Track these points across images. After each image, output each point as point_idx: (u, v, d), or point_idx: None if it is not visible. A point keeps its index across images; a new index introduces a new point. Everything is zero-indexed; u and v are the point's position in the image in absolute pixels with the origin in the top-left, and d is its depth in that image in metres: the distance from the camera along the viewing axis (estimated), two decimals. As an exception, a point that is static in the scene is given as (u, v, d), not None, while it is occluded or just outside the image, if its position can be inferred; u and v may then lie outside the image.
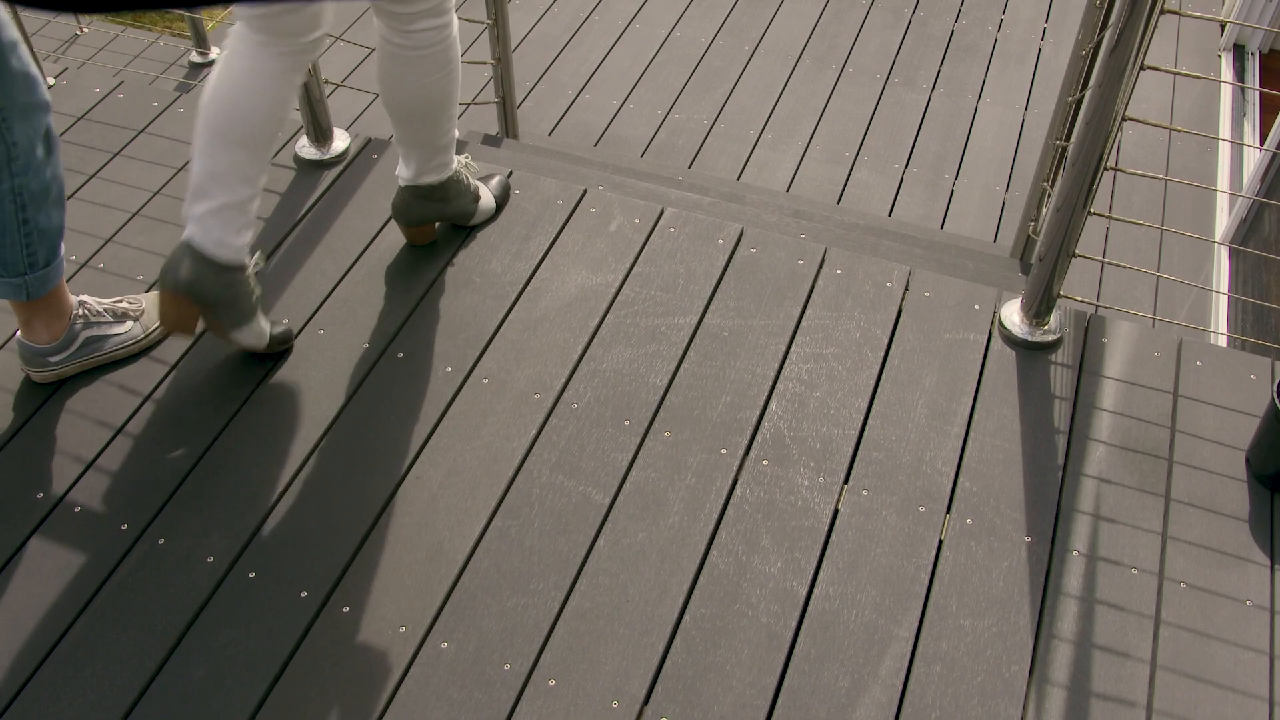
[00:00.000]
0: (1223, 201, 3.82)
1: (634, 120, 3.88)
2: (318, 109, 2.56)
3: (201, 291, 1.93)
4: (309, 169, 2.58)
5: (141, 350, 2.19)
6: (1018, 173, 3.78)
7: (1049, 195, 2.84)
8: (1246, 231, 3.49)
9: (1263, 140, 3.88)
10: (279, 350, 2.17)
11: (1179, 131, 1.91)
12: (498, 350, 2.17)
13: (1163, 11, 1.86)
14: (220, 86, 1.89)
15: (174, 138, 2.70)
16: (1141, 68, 1.92)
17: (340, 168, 2.58)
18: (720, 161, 3.70)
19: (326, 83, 2.61)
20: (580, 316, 2.23)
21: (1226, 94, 4.30)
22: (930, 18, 4.44)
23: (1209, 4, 4.67)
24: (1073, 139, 2.06)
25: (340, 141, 2.62)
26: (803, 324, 2.22)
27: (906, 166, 3.76)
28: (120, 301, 2.18)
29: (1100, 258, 2.47)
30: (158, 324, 2.19)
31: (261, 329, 2.11)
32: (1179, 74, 1.93)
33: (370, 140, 2.64)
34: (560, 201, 2.48)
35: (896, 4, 4.51)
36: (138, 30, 5.28)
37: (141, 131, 2.73)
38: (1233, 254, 3.54)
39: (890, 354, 2.17)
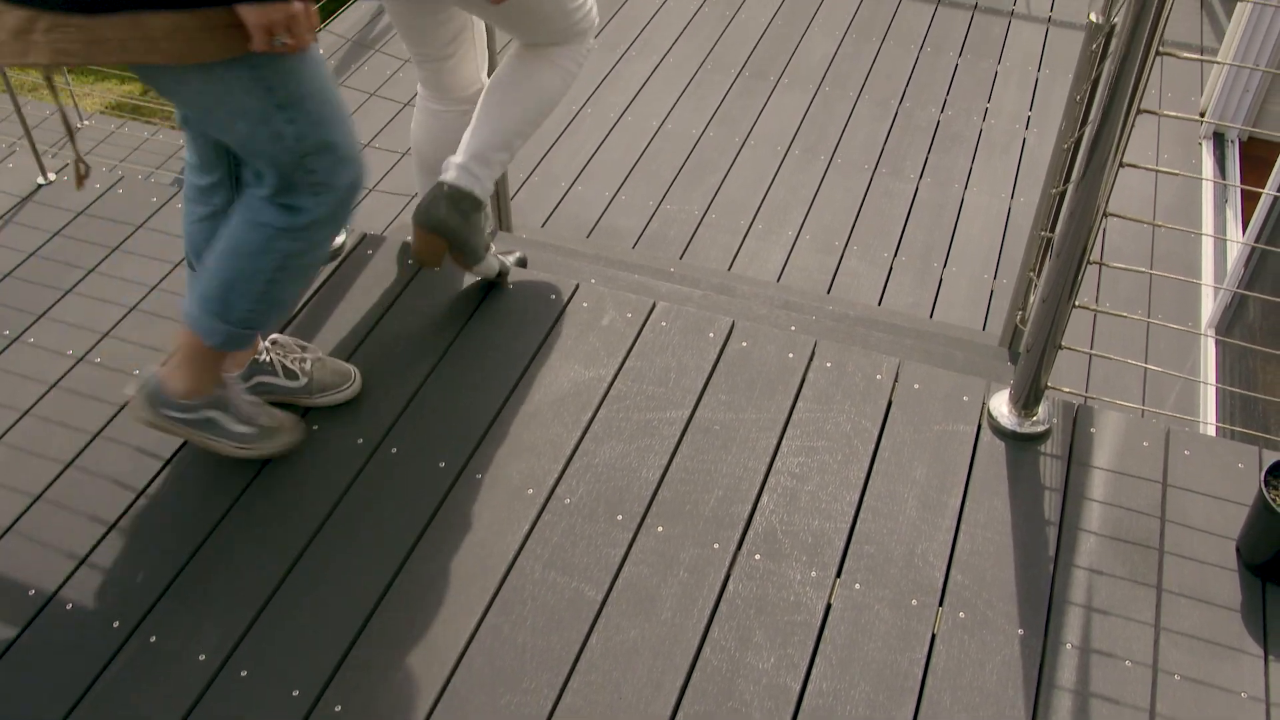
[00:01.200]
0: (1208, 288, 3.87)
1: (626, 211, 3.94)
2: (314, 205, 2.60)
3: (453, 229, 2.21)
4: (305, 264, 2.61)
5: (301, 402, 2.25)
6: (1005, 260, 3.83)
7: (1035, 285, 2.88)
8: (1232, 317, 3.53)
9: (1244, 227, 3.94)
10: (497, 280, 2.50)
11: (1163, 226, 1.95)
12: (491, 445, 2.19)
13: (1139, 111, 1.91)
14: (415, 133, 2.54)
15: (172, 233, 2.74)
16: (1120, 165, 1.96)
17: (336, 263, 2.61)
18: (712, 252, 3.75)
19: (323, 179, 2.65)
20: (573, 411, 2.25)
21: (1208, 182, 4.37)
22: (916, 108, 4.53)
23: (1189, 89, 4.76)
24: (1057, 232, 2.10)
25: (338, 236, 2.65)
26: (794, 417, 2.24)
27: (895, 255, 3.81)
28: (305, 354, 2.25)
29: (1087, 350, 2.50)
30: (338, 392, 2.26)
31: (492, 263, 2.43)
32: (1159, 171, 1.97)
33: (366, 236, 2.68)
34: (553, 297, 2.51)
35: (883, 95, 4.60)
36: (137, 123, 5.36)
37: (140, 227, 2.77)
38: (1219, 340, 3.58)
39: (881, 446, 2.19)
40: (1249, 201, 4.24)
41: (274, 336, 2.21)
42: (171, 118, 7.23)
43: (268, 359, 2.18)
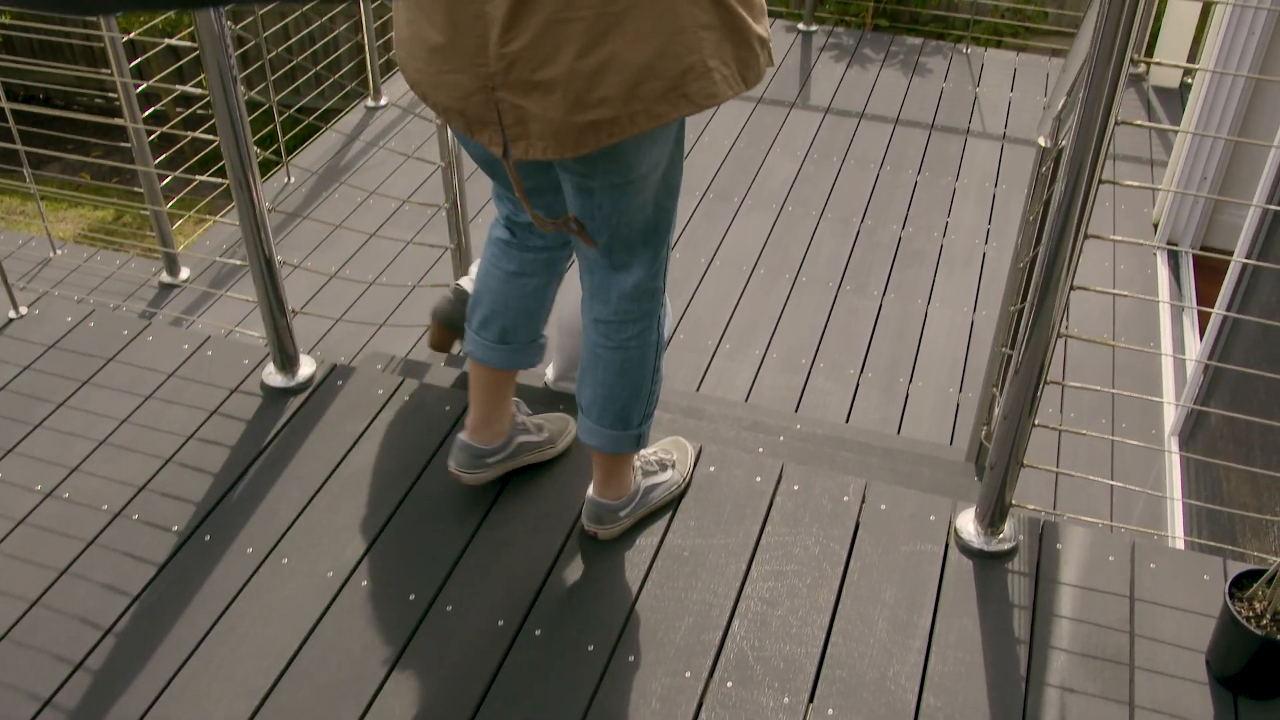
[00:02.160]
0: (1171, 395, 3.93)
1: (595, 332, 3.99)
2: (283, 337, 2.63)
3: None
4: (275, 397, 2.63)
5: (551, 457, 2.43)
6: (970, 374, 3.88)
7: (998, 401, 2.92)
8: (1194, 424, 3.59)
9: (1201, 333, 4.02)
10: None
11: (1118, 346, 2.00)
12: (461, 576, 2.19)
13: (1087, 236, 1.97)
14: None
15: (143, 365, 2.75)
16: (1072, 287, 2.02)
17: (306, 394, 2.63)
18: (680, 372, 3.79)
19: (292, 312, 2.68)
20: (543, 541, 2.26)
21: (1165, 290, 4.47)
22: (878, 226, 4.63)
23: (1142, 199, 4.89)
24: (1015, 351, 2.15)
25: (306, 368, 2.68)
26: (762, 541, 2.25)
27: (862, 371, 3.86)
28: (532, 417, 2.40)
29: (1050, 468, 2.53)
30: (568, 436, 2.47)
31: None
32: (1109, 293, 2.03)
33: (336, 366, 2.70)
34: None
35: (845, 214, 4.70)
36: (110, 251, 5.40)
37: (110, 360, 2.78)
38: (1184, 447, 3.62)
39: (850, 569, 2.20)
40: (1205, 306, 4.33)
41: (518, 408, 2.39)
42: (143, 244, 7.29)
43: (521, 421, 2.36)
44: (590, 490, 2.23)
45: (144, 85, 3.87)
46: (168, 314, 4.20)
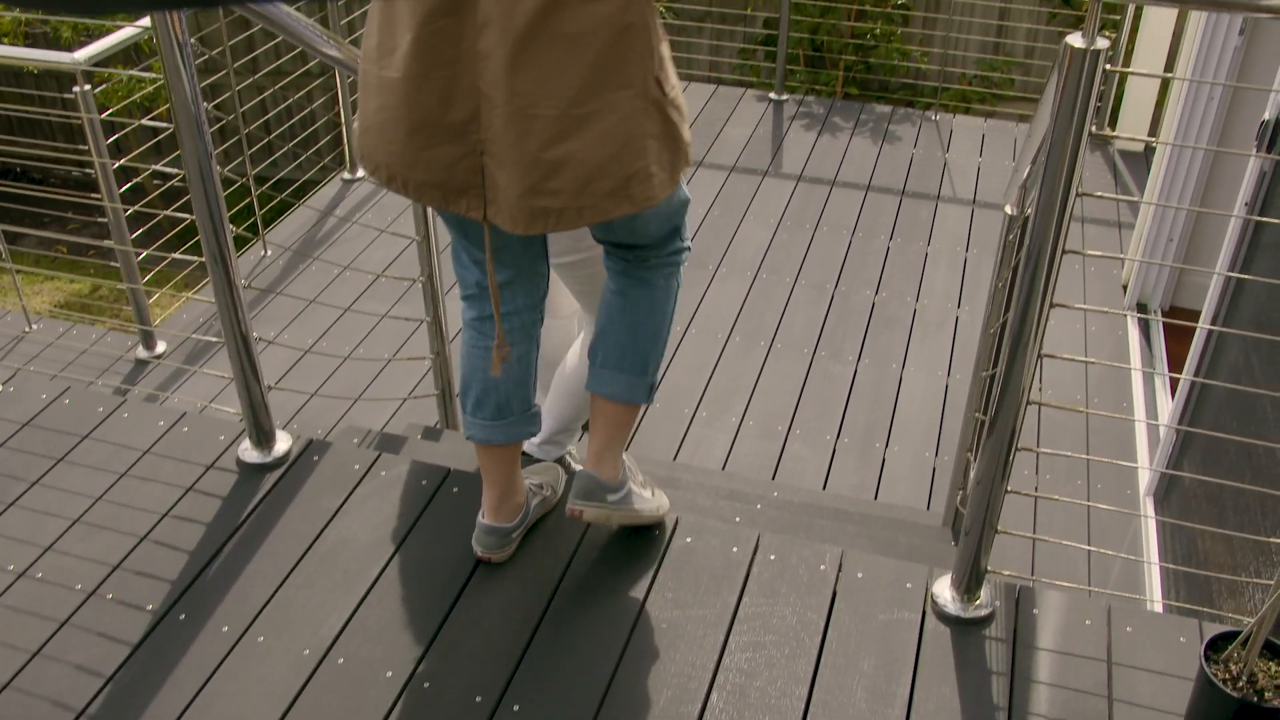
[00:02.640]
0: (1144, 456, 3.96)
1: (572, 401, 4.00)
2: (259, 412, 2.64)
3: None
4: (251, 473, 2.62)
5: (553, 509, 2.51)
6: (945, 438, 3.91)
7: (973, 466, 2.94)
8: (1169, 483, 3.61)
9: (1173, 391, 4.06)
10: None
11: (1089, 412, 2.03)
12: (438, 652, 2.18)
13: (1053, 305, 2.00)
14: None
15: (119, 442, 2.74)
16: (1040, 355, 2.05)
17: (282, 470, 2.63)
18: (657, 441, 3.80)
19: (268, 388, 2.69)
20: (520, 614, 2.25)
21: (1135, 351, 4.52)
22: (851, 292, 4.68)
23: (1111, 262, 4.96)
24: (986, 417, 2.17)
25: (282, 443, 2.68)
26: (740, 612, 2.25)
27: (838, 437, 3.88)
28: (530, 478, 2.47)
29: (1025, 534, 2.55)
30: (562, 480, 2.55)
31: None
32: (1078, 360, 2.06)
33: (312, 441, 2.70)
34: (499, 495, 2.54)
35: (819, 280, 4.75)
36: (85, 325, 5.39)
37: (85, 437, 2.78)
38: (1159, 507, 3.65)
39: (827, 638, 2.20)
40: (1176, 368, 4.37)
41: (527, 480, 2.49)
42: (119, 317, 7.28)
43: (530, 487, 2.46)
44: (584, 464, 2.31)
45: (120, 162, 3.90)
46: (143, 389, 4.19)
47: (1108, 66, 1.68)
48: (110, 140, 3.94)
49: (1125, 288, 4.80)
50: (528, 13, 1.78)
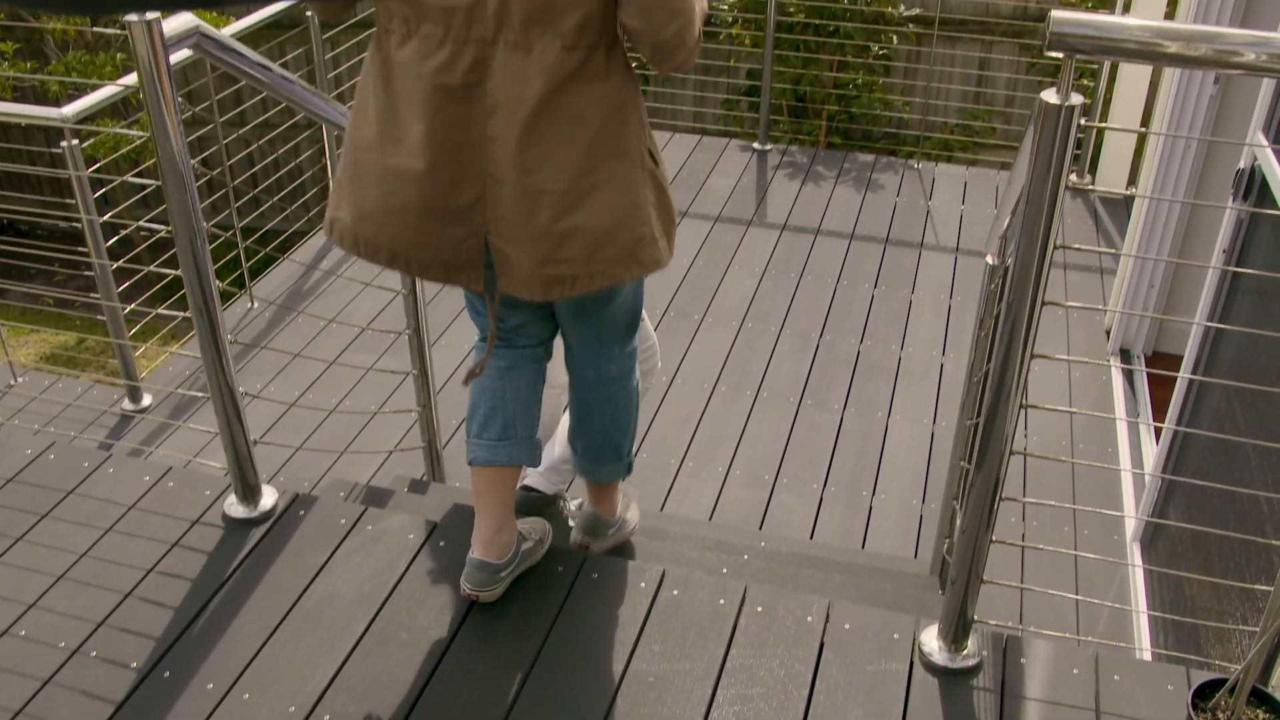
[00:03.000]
0: (1130, 502, 3.97)
1: (559, 452, 4.00)
2: (245, 467, 2.63)
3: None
4: (237, 528, 2.62)
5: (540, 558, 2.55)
6: (932, 485, 3.91)
7: (959, 515, 2.95)
8: (1155, 528, 3.62)
9: (1158, 436, 4.08)
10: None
11: (1074, 462, 2.04)
12: (424, 708, 2.16)
13: (1034, 356, 2.02)
14: None
15: (104, 498, 2.74)
16: (1022, 405, 2.06)
17: (268, 525, 2.62)
18: (644, 491, 3.80)
19: (254, 442, 2.69)
20: (507, 668, 2.25)
21: (1119, 396, 4.54)
22: (836, 340, 4.70)
23: (1095, 303, 5.00)
24: (970, 466, 2.18)
25: (268, 498, 2.67)
26: (727, 665, 2.25)
27: (825, 486, 3.89)
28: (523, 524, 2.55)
29: (1012, 583, 2.55)
30: (549, 535, 2.59)
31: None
32: (1060, 410, 2.08)
33: (298, 495, 2.70)
34: (486, 548, 2.53)
35: (804, 329, 4.78)
36: (71, 379, 5.38)
37: (70, 493, 2.77)
38: (1145, 553, 3.65)
39: (815, 690, 2.20)
40: (1159, 412, 4.40)
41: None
42: (103, 370, 7.27)
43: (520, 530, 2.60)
44: (587, 504, 2.66)
45: (106, 217, 3.91)
46: (128, 443, 4.18)
47: (1083, 121, 1.71)
48: (98, 194, 3.95)
49: (1109, 333, 4.84)
50: (535, 96, 1.92)
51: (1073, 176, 6.10)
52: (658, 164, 2.11)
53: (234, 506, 2.66)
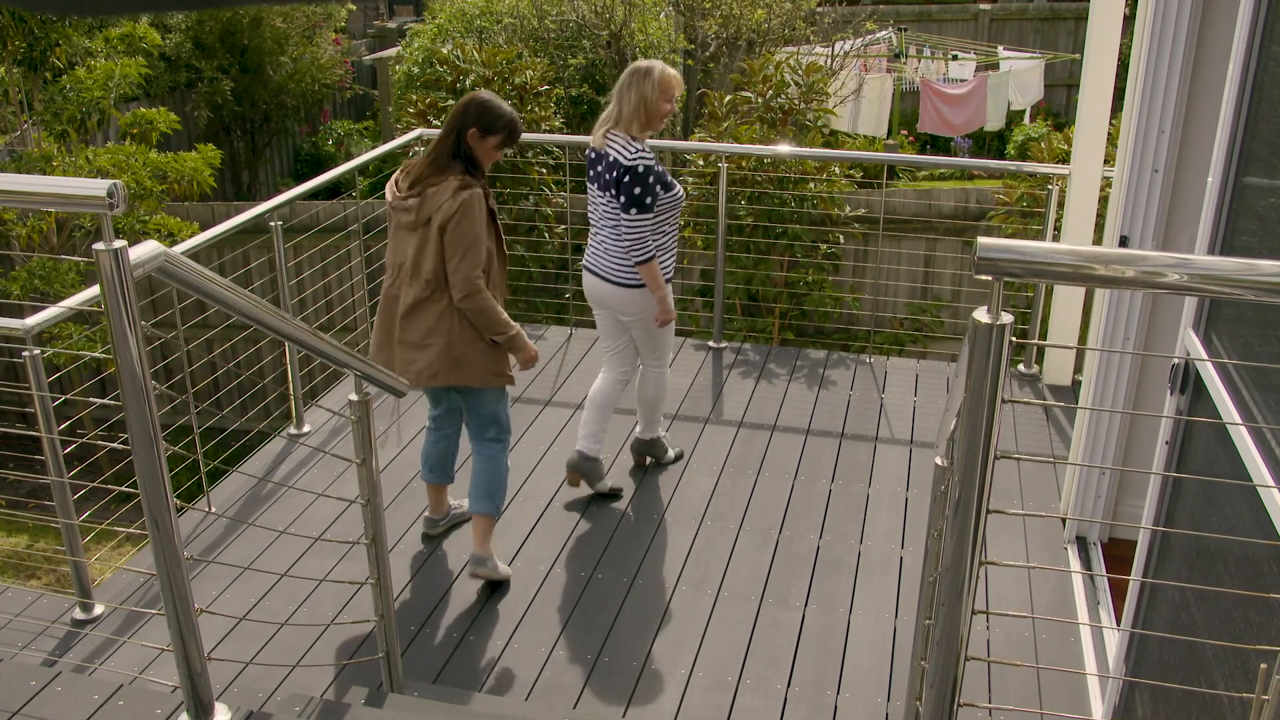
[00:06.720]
0: (1095, 697, 3.95)
1: (519, 659, 3.95)
2: (198, 684, 2.59)
3: (584, 471, 4.96)
4: (188, 749, 2.56)
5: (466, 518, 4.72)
6: (896, 682, 3.88)
7: (920, 714, 2.92)
8: (1121, 715, 3.59)
9: (1118, 618, 4.09)
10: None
11: (1037, 667, 2.06)
12: None
13: (983, 564, 2.06)
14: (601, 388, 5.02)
15: (53, 719, 2.67)
16: (975, 611, 2.09)
17: (221, 745, 2.56)
18: (606, 695, 3.75)
19: (207, 658, 2.65)
20: None
21: (1079, 583, 4.56)
22: (795, 537, 4.72)
23: (1048, 494, 5.06)
24: (928, 664, 2.18)
25: (221, 716, 2.62)
26: None
27: (789, 686, 3.85)
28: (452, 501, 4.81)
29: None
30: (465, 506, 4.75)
31: (604, 484, 5.03)
32: (1014, 615, 2.11)
33: (251, 714, 2.65)
34: (443, 765, 2.48)
35: (763, 526, 4.80)
36: (20, 587, 5.28)
37: (16, 714, 2.70)
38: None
39: None
40: (1118, 599, 4.41)
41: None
42: (54, 574, 7.15)
43: (452, 505, 4.82)
44: (473, 550, 4.30)
45: (72, 445, 3.91)
46: (76, 656, 4.08)
47: (1014, 339, 1.79)
48: (58, 403, 3.97)
49: (1064, 522, 4.89)
50: (406, 305, 4.05)
51: (1020, 365, 6.27)
52: (498, 341, 4.14)
53: (185, 727, 2.61)
